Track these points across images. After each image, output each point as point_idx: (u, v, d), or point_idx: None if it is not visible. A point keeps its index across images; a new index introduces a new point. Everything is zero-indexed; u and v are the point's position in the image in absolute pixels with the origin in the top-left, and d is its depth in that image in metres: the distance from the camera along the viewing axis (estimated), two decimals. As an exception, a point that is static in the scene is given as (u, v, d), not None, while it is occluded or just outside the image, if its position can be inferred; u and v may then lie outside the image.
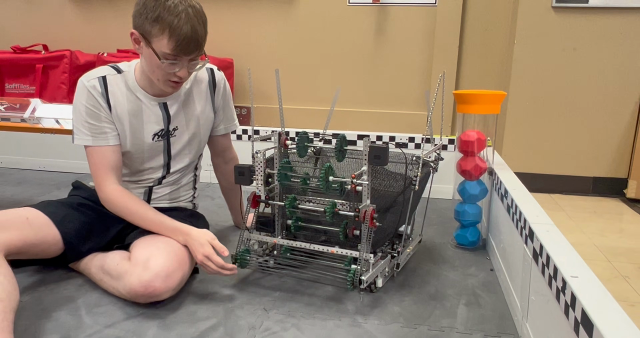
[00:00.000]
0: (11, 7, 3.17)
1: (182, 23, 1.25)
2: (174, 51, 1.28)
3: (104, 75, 1.42)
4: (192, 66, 1.36)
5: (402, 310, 1.33)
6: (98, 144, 1.42)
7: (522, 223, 1.29)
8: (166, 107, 1.48)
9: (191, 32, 1.26)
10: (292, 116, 2.94)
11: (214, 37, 2.97)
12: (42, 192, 2.37)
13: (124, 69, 1.45)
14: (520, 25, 2.55)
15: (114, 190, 1.42)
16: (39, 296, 1.36)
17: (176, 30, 1.25)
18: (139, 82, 1.45)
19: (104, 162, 1.42)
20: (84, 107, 1.40)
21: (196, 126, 1.55)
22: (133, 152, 1.49)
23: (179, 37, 1.26)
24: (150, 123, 1.48)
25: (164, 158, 1.54)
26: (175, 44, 1.27)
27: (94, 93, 1.40)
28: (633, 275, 1.68)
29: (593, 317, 0.78)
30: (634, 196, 2.52)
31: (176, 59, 1.31)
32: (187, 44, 1.27)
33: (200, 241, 1.34)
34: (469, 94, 1.68)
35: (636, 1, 2.42)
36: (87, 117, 1.41)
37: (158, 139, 1.50)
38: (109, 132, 1.43)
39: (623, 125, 2.55)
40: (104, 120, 1.42)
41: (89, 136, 1.42)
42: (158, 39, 1.28)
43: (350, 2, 2.84)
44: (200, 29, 1.29)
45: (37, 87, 2.94)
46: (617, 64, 2.50)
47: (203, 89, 1.55)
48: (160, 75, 1.36)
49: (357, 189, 1.35)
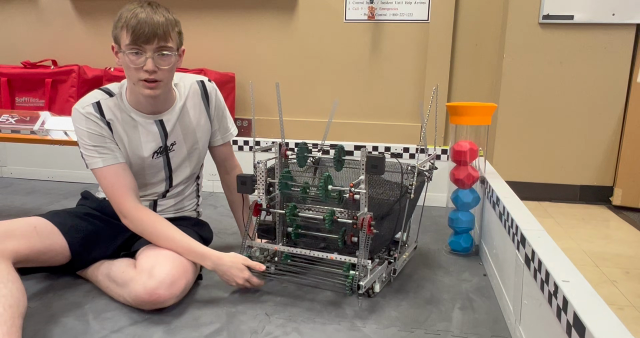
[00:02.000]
0: (22, 25, 3.18)
1: (137, 13, 1.26)
2: (132, 40, 1.26)
3: (98, 100, 1.39)
4: (160, 59, 1.30)
5: (399, 314, 1.32)
6: (108, 163, 1.38)
7: (513, 229, 1.29)
8: (162, 124, 1.45)
9: (145, 18, 1.25)
10: (292, 128, 2.94)
11: (217, 52, 2.99)
12: (50, 201, 2.36)
13: (114, 91, 1.42)
14: (509, 40, 2.57)
15: (133, 209, 1.37)
16: (48, 302, 1.35)
17: (131, 20, 1.25)
18: (131, 102, 1.42)
19: (118, 181, 1.38)
20: (86, 133, 1.37)
21: (193, 138, 1.53)
22: (134, 171, 1.46)
23: (134, 26, 1.25)
24: (148, 142, 1.45)
25: (165, 172, 1.52)
26: (132, 32, 1.25)
27: (92, 118, 1.37)
28: (621, 279, 1.68)
29: (585, 320, 0.77)
30: (619, 204, 2.52)
31: (138, 49, 1.27)
32: (141, 30, 1.25)
33: (237, 267, 1.35)
34: (461, 106, 1.68)
35: (617, 18, 2.44)
36: (91, 141, 1.37)
37: (157, 157, 1.48)
38: (115, 150, 1.40)
39: (608, 135, 2.56)
40: (108, 140, 1.39)
41: (98, 158, 1.38)
42: (122, 37, 1.29)
43: (346, 19, 2.86)
44: (158, 17, 1.27)
45: (46, 100, 2.94)
46: (601, 76, 2.51)
47: (197, 102, 1.52)
48: (133, 75, 1.31)
49: (355, 197, 1.35)
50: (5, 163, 2.83)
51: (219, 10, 2.95)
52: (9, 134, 2.08)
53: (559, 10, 2.48)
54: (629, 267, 1.78)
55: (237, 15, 2.95)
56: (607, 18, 2.45)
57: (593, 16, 2.46)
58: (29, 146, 2.67)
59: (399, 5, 2.79)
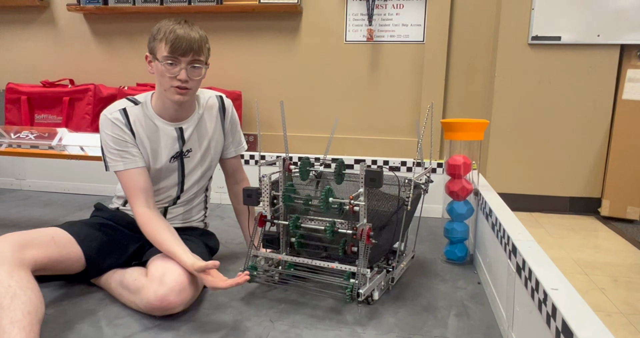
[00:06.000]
0: (41, 46, 3.22)
1: (175, 29, 1.34)
2: (170, 52, 1.33)
3: (124, 107, 1.45)
4: (192, 71, 1.38)
5: (397, 320, 1.32)
6: (128, 167, 1.43)
7: (505, 239, 1.29)
8: (182, 131, 1.50)
9: (183, 34, 1.33)
10: (295, 143, 2.96)
11: (225, 71, 3.02)
12: (66, 213, 2.37)
13: (140, 100, 1.48)
14: (500, 60, 2.59)
15: (141, 214, 1.41)
16: (63, 309, 1.35)
17: (170, 34, 1.33)
18: (155, 110, 1.47)
19: (135, 184, 1.42)
20: (110, 137, 1.42)
21: (207, 147, 1.56)
22: (152, 173, 1.50)
23: (173, 39, 1.32)
24: (167, 147, 1.49)
25: (178, 177, 1.54)
26: (170, 45, 1.32)
27: (118, 124, 1.42)
28: (609, 287, 1.67)
29: (573, 326, 0.77)
30: (607, 214, 2.52)
31: (174, 60, 1.34)
32: (179, 43, 1.32)
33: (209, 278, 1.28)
34: (455, 122, 1.69)
35: (602, 39, 2.46)
36: (115, 145, 1.42)
37: (173, 161, 1.51)
38: (137, 155, 1.44)
39: (595, 149, 2.57)
40: (130, 145, 1.43)
41: (120, 162, 1.43)
42: (159, 48, 1.35)
43: (346, 40, 2.89)
44: (194, 34, 1.35)
45: (63, 117, 2.97)
46: (588, 94, 2.52)
47: (214, 114, 1.57)
48: (166, 82, 1.38)
49: (355, 209, 1.35)
50: (24, 176, 2.85)
51: (228, 33, 2.98)
52: (28, 149, 2.10)
53: (547, 31, 2.50)
54: (617, 275, 1.77)
55: (244, 37, 2.98)
56: (592, 39, 2.47)
57: (579, 37, 2.48)
58: (47, 160, 2.68)
59: (396, 27, 2.82)
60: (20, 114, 3.00)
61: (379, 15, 2.81)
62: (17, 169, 2.84)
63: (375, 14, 2.80)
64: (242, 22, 2.96)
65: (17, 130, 2.13)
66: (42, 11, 3.17)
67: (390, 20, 2.82)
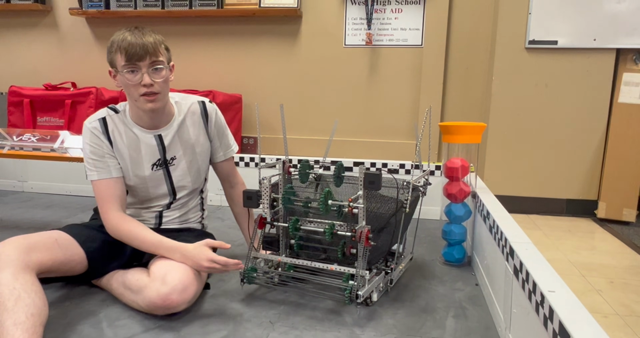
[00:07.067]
0: (44, 50, 3.22)
1: (127, 37, 1.34)
2: (127, 60, 1.33)
3: (104, 116, 1.46)
4: (154, 73, 1.37)
5: (395, 322, 1.32)
6: (102, 177, 1.44)
7: (503, 241, 1.29)
8: (161, 138, 1.49)
9: (135, 40, 1.33)
10: (294, 145, 2.96)
11: (225, 74, 3.02)
12: (68, 215, 2.37)
13: (120, 109, 1.48)
14: (497, 64, 2.59)
15: (115, 217, 1.41)
16: (65, 310, 1.35)
17: (123, 42, 1.33)
18: (133, 118, 1.47)
19: (107, 192, 1.43)
20: (88, 146, 1.44)
21: (192, 153, 1.55)
22: (137, 183, 1.50)
23: (126, 46, 1.32)
24: (147, 154, 1.49)
25: (167, 185, 1.54)
26: (125, 53, 1.32)
27: (96, 133, 1.43)
28: (605, 288, 1.67)
29: (569, 328, 0.77)
30: (603, 216, 2.52)
31: (134, 67, 1.34)
32: (133, 49, 1.32)
33: (201, 251, 1.33)
34: (453, 126, 1.70)
35: (598, 43, 2.46)
36: (91, 155, 1.44)
37: (157, 169, 1.51)
38: (111, 166, 1.45)
39: (592, 152, 2.57)
40: (106, 155, 1.44)
41: (94, 171, 1.44)
42: (117, 60, 1.35)
43: (346, 44, 2.89)
44: (147, 38, 1.35)
45: (65, 120, 2.97)
46: (584, 97, 2.53)
47: (196, 120, 1.55)
48: (134, 92, 1.37)
49: (354, 211, 1.35)
50: (26, 178, 2.85)
51: (228, 37, 2.99)
52: (30, 152, 2.09)
53: (543, 35, 2.51)
54: (613, 277, 1.77)
55: (244, 41, 2.98)
56: (588, 43, 2.47)
57: (576, 41, 2.48)
58: (49, 162, 2.69)
59: (395, 32, 2.82)
60: (22, 116, 3.00)
61: (377, 20, 2.82)
62: (19, 171, 2.84)
63: (374, 18, 2.81)
64: (243, 26, 2.96)
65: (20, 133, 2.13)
66: (45, 15, 3.17)
67: (389, 25, 2.82)
